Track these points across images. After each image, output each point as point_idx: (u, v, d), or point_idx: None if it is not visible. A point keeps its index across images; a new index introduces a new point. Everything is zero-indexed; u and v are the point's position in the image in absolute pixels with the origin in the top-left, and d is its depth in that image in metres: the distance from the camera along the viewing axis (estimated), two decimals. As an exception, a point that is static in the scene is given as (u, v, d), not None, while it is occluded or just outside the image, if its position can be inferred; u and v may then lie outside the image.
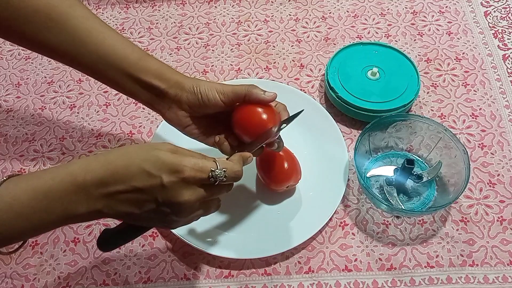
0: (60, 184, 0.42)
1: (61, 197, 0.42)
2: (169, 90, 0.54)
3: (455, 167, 0.64)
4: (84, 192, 0.42)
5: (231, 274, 0.62)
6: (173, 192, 0.44)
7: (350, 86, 0.73)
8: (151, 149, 0.44)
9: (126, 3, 0.91)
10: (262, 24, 0.87)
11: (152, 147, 0.45)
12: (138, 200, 0.44)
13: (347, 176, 0.66)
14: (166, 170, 0.43)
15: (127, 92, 0.56)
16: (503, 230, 0.64)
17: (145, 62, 0.54)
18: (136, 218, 0.46)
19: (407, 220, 0.65)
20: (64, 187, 0.42)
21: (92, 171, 0.42)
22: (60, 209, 0.42)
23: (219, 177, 0.45)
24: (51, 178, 0.42)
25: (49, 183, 0.42)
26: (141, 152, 0.44)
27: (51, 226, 0.44)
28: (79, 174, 0.42)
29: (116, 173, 0.43)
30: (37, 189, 0.42)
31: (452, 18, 0.86)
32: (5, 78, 0.82)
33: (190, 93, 0.54)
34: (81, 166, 0.43)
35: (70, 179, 0.42)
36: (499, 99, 0.76)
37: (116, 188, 0.43)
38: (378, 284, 0.60)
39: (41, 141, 0.74)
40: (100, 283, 0.61)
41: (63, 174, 0.43)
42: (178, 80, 0.55)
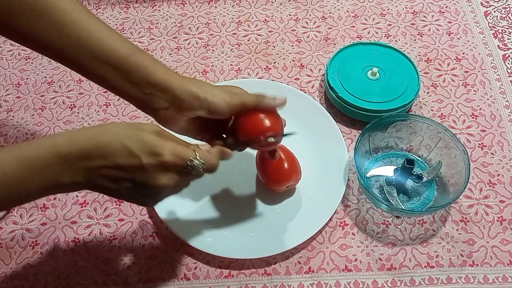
0: (44, 154, 0.42)
1: (44, 168, 0.42)
2: (164, 92, 0.51)
3: (455, 167, 0.64)
4: (67, 164, 0.43)
5: (231, 274, 0.62)
6: (150, 175, 0.44)
7: (350, 86, 0.73)
8: (136, 128, 0.45)
9: (126, 3, 0.91)
10: (262, 24, 0.87)
11: (138, 126, 0.45)
12: (117, 177, 0.44)
13: (347, 176, 0.66)
14: (147, 151, 0.44)
15: (116, 90, 0.52)
16: (503, 230, 0.64)
17: (135, 57, 0.50)
18: (112, 194, 0.47)
19: (407, 220, 0.65)
20: (47, 158, 0.42)
21: (76, 143, 0.43)
22: (43, 179, 0.43)
23: (196, 167, 0.46)
24: (35, 148, 0.42)
25: (32, 154, 0.42)
26: (126, 129, 0.44)
27: (35, 195, 0.45)
28: (63, 146, 0.42)
29: (99, 147, 0.43)
30: (20, 159, 0.42)
31: (452, 18, 0.86)
32: (5, 78, 0.82)
33: (194, 99, 0.50)
34: (65, 137, 0.43)
35: (54, 150, 0.42)
36: (499, 99, 0.76)
37: (98, 162, 0.43)
38: (378, 284, 0.60)
39: (41, 141, 0.74)
40: (100, 283, 0.61)
41: (47, 145, 0.43)
42: (176, 83, 0.51)
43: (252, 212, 0.65)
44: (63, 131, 0.43)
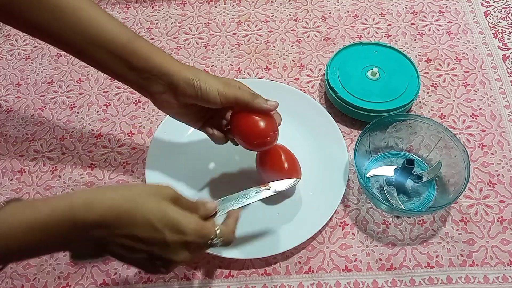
0: (59, 219, 0.40)
1: (58, 233, 0.41)
2: (162, 76, 0.52)
3: (455, 167, 0.64)
4: (81, 230, 0.41)
5: (231, 274, 0.62)
6: (171, 251, 0.44)
7: (350, 86, 0.73)
8: (157, 197, 0.43)
9: (126, 3, 0.91)
10: (262, 24, 0.87)
11: (157, 192, 0.44)
12: (133, 247, 0.43)
13: (347, 176, 0.66)
14: (171, 228, 0.43)
15: (115, 75, 0.54)
16: (503, 230, 0.64)
17: (134, 44, 0.52)
18: (123, 260, 0.45)
19: (407, 220, 0.65)
20: (62, 224, 0.40)
21: (94, 211, 0.41)
22: (52, 243, 0.42)
23: (214, 244, 0.47)
24: (51, 210, 0.40)
25: (46, 219, 0.40)
26: (147, 200, 0.43)
27: (40, 254, 0.46)
28: (79, 212, 0.41)
29: (119, 218, 0.41)
30: (34, 225, 0.40)
31: (452, 18, 0.86)
32: (5, 78, 0.82)
33: (188, 85, 0.52)
34: (83, 203, 0.41)
35: (70, 216, 0.40)
36: (499, 99, 0.76)
37: (115, 231, 0.42)
38: (378, 284, 0.60)
39: (41, 141, 0.74)
40: (100, 283, 0.61)
41: (62, 208, 0.41)
42: (173, 68, 0.52)
43: (252, 212, 0.65)
44: (79, 191, 0.43)
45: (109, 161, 0.72)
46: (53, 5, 0.49)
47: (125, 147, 0.73)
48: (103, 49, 0.51)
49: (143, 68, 0.52)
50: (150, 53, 0.52)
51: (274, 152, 0.63)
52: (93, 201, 0.41)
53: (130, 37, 0.52)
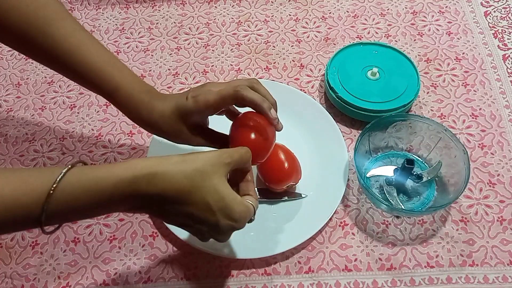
0: (123, 191, 0.43)
1: (121, 202, 0.44)
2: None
3: (455, 167, 0.64)
4: (142, 200, 0.44)
5: (231, 274, 0.62)
6: (221, 233, 0.47)
7: (350, 86, 0.73)
8: (217, 177, 0.45)
9: (126, 3, 0.91)
10: (262, 24, 0.87)
11: (217, 172, 0.45)
12: (187, 223, 0.47)
13: (347, 176, 0.66)
14: (225, 213, 0.45)
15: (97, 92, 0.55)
16: (503, 230, 0.64)
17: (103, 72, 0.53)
18: (175, 224, 0.49)
19: (407, 220, 0.65)
20: (125, 195, 0.43)
21: (156, 185, 0.43)
22: (115, 209, 0.45)
23: (252, 220, 0.50)
24: (115, 183, 0.42)
25: (111, 190, 0.42)
26: (207, 179, 0.45)
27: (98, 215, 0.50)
28: (141, 185, 0.43)
29: (179, 195, 0.44)
30: (98, 194, 0.42)
31: (452, 18, 0.86)
32: (5, 78, 0.82)
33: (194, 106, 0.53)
34: (147, 176, 0.43)
35: (133, 189, 0.43)
36: (499, 99, 0.76)
37: (174, 206, 0.45)
38: (378, 284, 0.60)
39: (41, 141, 0.74)
40: (100, 283, 0.62)
41: (126, 181, 0.43)
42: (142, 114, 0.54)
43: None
44: (143, 160, 0.44)
45: (109, 161, 0.72)
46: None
47: (125, 147, 0.73)
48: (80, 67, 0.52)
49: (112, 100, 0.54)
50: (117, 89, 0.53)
51: (274, 152, 0.63)
52: (155, 175, 0.43)
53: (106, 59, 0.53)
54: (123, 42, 0.85)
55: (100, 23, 0.88)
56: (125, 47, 0.85)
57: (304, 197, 0.66)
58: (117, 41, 0.85)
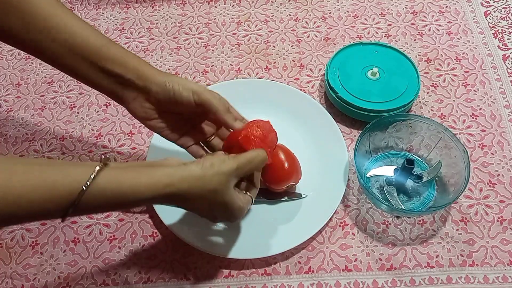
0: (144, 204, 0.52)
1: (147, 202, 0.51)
2: (136, 80, 0.52)
3: (455, 167, 0.64)
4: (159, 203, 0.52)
5: (231, 274, 0.62)
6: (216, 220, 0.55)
7: (350, 86, 0.73)
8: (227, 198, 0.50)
9: (126, 3, 0.91)
10: (262, 24, 0.87)
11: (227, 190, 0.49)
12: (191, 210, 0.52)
13: (347, 176, 0.66)
14: (225, 218, 0.53)
15: (88, 81, 0.54)
16: (503, 230, 0.64)
17: (108, 49, 0.52)
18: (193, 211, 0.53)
19: (407, 220, 0.65)
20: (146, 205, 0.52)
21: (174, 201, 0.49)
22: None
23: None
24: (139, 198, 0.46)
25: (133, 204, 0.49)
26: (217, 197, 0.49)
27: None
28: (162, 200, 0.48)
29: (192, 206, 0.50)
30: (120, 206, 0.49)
31: (452, 18, 0.86)
32: (5, 78, 0.82)
33: (161, 88, 0.52)
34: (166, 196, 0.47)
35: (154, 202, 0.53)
36: (499, 99, 0.76)
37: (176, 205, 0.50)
38: (378, 284, 0.60)
39: (41, 141, 0.74)
40: (100, 283, 0.61)
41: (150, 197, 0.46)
42: (146, 72, 0.53)
43: (252, 212, 0.65)
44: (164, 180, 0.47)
45: (109, 161, 0.72)
46: (24, 12, 0.49)
47: (125, 147, 0.73)
48: (77, 56, 0.51)
49: (116, 73, 0.52)
50: (124, 58, 0.53)
51: (274, 152, 0.63)
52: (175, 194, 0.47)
53: (104, 43, 0.52)
54: (123, 42, 0.85)
55: (100, 23, 0.88)
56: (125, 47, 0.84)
57: (304, 197, 0.66)
58: (117, 41, 0.85)
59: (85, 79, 0.53)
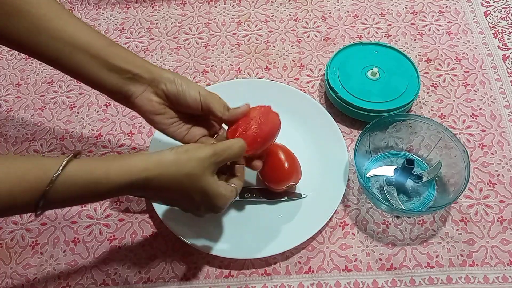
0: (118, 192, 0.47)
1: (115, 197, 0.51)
2: (144, 74, 0.53)
3: (455, 167, 0.64)
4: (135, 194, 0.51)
5: (231, 274, 0.62)
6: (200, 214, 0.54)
7: (350, 86, 0.73)
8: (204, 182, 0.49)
9: (126, 3, 0.91)
10: (262, 24, 0.87)
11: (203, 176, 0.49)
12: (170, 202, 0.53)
13: (347, 176, 0.66)
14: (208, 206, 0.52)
15: (90, 80, 0.53)
16: (503, 230, 0.64)
17: (114, 47, 0.53)
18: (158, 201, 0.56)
19: (407, 220, 0.65)
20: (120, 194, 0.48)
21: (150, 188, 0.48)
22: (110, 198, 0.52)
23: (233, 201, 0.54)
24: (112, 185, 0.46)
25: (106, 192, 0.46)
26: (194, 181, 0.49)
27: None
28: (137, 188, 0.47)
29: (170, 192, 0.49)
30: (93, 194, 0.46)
31: (452, 18, 0.86)
32: (5, 78, 0.82)
33: (170, 83, 0.53)
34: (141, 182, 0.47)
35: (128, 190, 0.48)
36: (499, 99, 0.76)
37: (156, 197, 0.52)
38: (378, 284, 0.60)
39: (41, 141, 0.74)
40: (100, 283, 0.61)
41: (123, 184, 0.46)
42: (154, 68, 0.54)
43: (252, 212, 0.65)
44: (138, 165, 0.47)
45: (109, 161, 0.72)
46: (26, 14, 0.50)
47: (125, 147, 0.73)
48: (82, 53, 0.51)
49: (125, 69, 0.52)
50: (130, 56, 0.54)
51: (274, 152, 0.63)
52: (150, 180, 0.47)
53: (108, 42, 0.53)
54: (123, 42, 0.85)
55: (100, 23, 0.88)
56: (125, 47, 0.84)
57: (304, 197, 0.66)
58: (117, 41, 0.85)
59: (88, 78, 0.53)
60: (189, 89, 0.54)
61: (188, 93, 0.53)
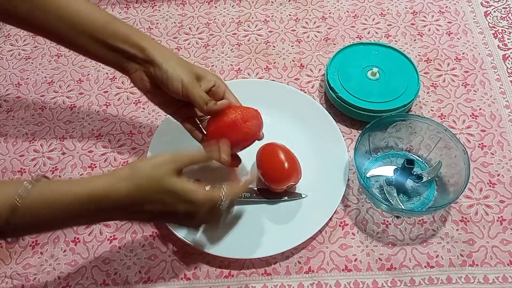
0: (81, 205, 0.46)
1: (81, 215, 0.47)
2: (139, 54, 0.55)
3: (455, 167, 0.64)
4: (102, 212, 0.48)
5: (231, 274, 0.62)
6: (188, 217, 0.52)
7: (350, 86, 0.73)
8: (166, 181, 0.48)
9: (126, 3, 0.91)
10: (262, 24, 0.87)
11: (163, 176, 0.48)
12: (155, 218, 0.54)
13: (347, 176, 0.66)
14: (181, 201, 0.49)
15: (93, 56, 0.57)
16: (503, 230, 0.64)
17: (113, 26, 0.55)
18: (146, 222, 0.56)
19: (407, 220, 0.65)
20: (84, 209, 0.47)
21: (112, 199, 0.47)
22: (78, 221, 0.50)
23: (223, 205, 0.52)
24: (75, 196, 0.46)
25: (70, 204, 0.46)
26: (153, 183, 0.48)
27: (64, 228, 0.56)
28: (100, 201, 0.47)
29: (136, 204, 0.48)
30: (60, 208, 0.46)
31: (452, 18, 0.86)
32: (5, 78, 0.82)
33: (158, 67, 0.55)
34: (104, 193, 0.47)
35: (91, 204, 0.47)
36: (499, 99, 0.76)
37: (134, 215, 0.50)
38: (378, 284, 0.60)
39: (41, 141, 0.74)
40: (100, 283, 0.61)
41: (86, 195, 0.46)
42: (149, 48, 0.55)
43: (252, 211, 0.65)
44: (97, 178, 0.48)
45: (109, 161, 0.72)
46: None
47: (125, 147, 0.73)
48: (83, 34, 0.54)
49: (121, 48, 0.55)
50: (128, 34, 0.55)
51: (274, 152, 0.63)
52: (110, 192, 0.47)
53: (108, 19, 0.55)
54: (123, 42, 0.85)
55: (100, 23, 0.88)
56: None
57: (304, 197, 0.66)
58: (117, 41, 0.85)
59: (94, 55, 0.57)
60: (173, 78, 0.54)
61: (171, 82, 0.55)
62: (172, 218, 0.53)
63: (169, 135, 0.70)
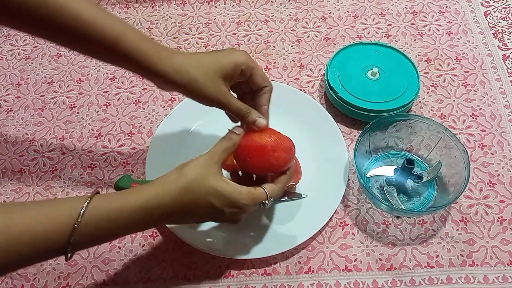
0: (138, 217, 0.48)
1: (137, 225, 0.49)
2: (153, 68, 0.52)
3: (455, 167, 0.64)
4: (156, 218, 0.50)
5: (231, 274, 0.62)
6: (232, 217, 0.53)
7: (350, 86, 0.73)
8: (211, 182, 0.50)
9: (126, 3, 0.91)
10: (262, 24, 0.87)
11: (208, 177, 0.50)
12: (201, 219, 0.55)
13: (347, 176, 0.66)
14: (229, 204, 0.50)
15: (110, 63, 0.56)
16: (503, 230, 0.64)
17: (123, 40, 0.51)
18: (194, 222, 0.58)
19: (407, 220, 0.65)
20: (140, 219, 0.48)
21: (164, 204, 0.48)
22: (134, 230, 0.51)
23: (266, 204, 0.54)
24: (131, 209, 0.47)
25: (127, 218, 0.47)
26: (201, 185, 0.49)
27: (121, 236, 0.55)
28: (152, 209, 0.48)
29: (184, 208, 0.49)
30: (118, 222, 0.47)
31: (452, 18, 0.86)
32: (5, 78, 0.82)
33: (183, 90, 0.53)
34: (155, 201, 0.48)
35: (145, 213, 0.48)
36: (499, 99, 0.76)
37: (182, 218, 0.52)
38: (378, 284, 0.60)
39: (41, 141, 0.74)
40: (100, 283, 0.61)
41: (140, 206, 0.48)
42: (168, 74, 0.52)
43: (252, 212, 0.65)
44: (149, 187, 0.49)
45: (109, 161, 0.72)
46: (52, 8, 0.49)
47: (125, 147, 0.73)
48: (94, 44, 0.51)
49: (134, 62, 0.52)
50: (138, 49, 0.52)
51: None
52: (160, 202, 0.48)
53: (117, 33, 0.51)
54: (123, 42, 0.85)
55: (100, 23, 0.88)
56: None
57: (304, 197, 0.65)
58: (117, 41, 0.85)
59: (107, 62, 0.56)
60: (205, 97, 0.53)
61: (203, 100, 0.54)
62: (219, 219, 0.54)
63: (170, 135, 0.70)
